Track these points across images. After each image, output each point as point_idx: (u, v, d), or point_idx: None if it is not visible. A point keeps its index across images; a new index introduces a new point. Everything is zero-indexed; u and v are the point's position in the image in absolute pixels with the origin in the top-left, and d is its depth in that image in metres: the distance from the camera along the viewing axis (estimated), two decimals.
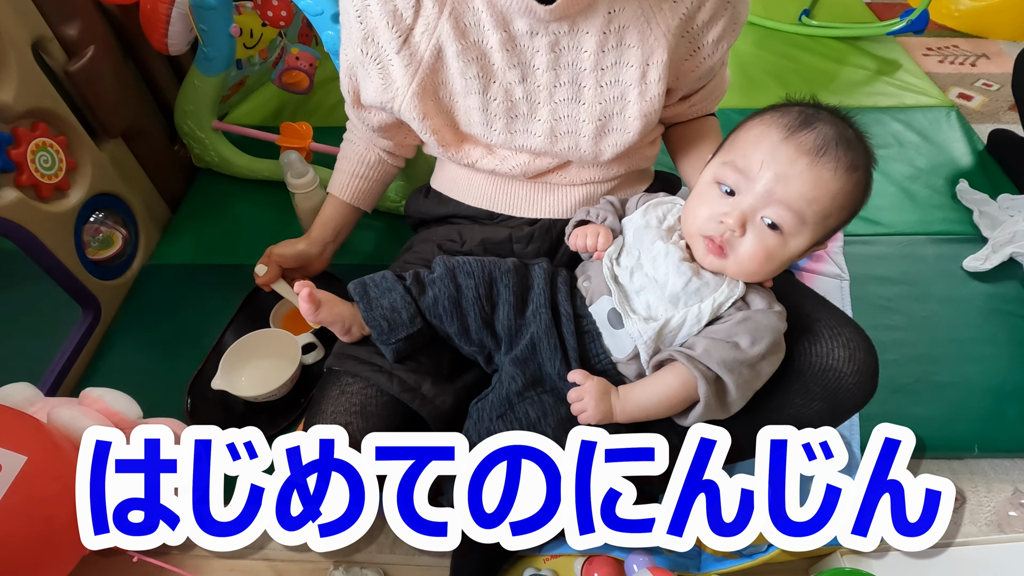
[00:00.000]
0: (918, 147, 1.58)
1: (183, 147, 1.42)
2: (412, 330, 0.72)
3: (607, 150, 0.79)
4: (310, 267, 0.98)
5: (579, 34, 0.72)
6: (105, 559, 0.83)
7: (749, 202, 0.65)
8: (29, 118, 1.00)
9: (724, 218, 0.65)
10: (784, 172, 0.63)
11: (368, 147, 0.94)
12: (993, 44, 2.08)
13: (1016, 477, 1.04)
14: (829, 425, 0.64)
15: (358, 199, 0.97)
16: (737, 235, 0.65)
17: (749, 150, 0.66)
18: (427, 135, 0.79)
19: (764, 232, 0.65)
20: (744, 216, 0.65)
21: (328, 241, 0.98)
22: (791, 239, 0.66)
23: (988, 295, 1.24)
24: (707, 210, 0.68)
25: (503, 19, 0.71)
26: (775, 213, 0.64)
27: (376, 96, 0.78)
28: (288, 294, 0.96)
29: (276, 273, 0.93)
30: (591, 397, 0.68)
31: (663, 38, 0.72)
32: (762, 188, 0.64)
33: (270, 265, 0.93)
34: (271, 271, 0.93)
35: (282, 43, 1.51)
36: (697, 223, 0.68)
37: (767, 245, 0.66)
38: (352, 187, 0.96)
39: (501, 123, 0.77)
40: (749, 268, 0.67)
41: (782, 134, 0.64)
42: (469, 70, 0.74)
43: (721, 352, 0.65)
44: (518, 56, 0.74)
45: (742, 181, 0.66)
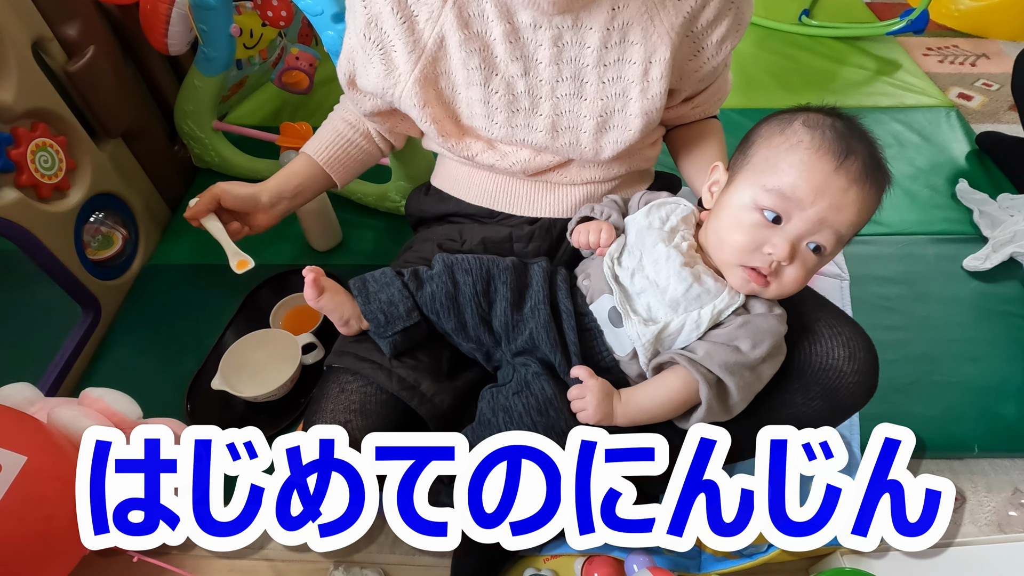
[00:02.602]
0: (918, 147, 1.58)
1: (183, 147, 1.42)
2: (409, 323, 0.72)
3: (607, 147, 0.78)
4: (253, 219, 0.88)
5: (583, 29, 0.72)
6: (105, 559, 0.83)
7: (800, 230, 0.63)
8: (29, 118, 1.00)
9: (773, 249, 0.64)
10: (838, 201, 0.62)
11: (359, 119, 0.91)
12: (993, 44, 2.08)
13: (1016, 477, 1.04)
14: (829, 425, 0.64)
15: (332, 165, 0.91)
16: (785, 265, 0.65)
17: (798, 178, 0.63)
18: (427, 124, 0.79)
19: (808, 256, 0.65)
20: (794, 246, 0.64)
21: (285, 196, 0.89)
22: (828, 257, 0.66)
23: (988, 295, 1.24)
24: (748, 239, 0.65)
25: (507, 10, 0.71)
26: (823, 238, 0.64)
27: (377, 83, 0.77)
28: (219, 235, 0.84)
29: (207, 206, 0.83)
30: (593, 396, 0.67)
31: (666, 36, 0.72)
32: (815, 216, 0.63)
33: (204, 198, 0.83)
34: (202, 202, 0.83)
35: (282, 43, 1.51)
36: (737, 254, 0.66)
37: (808, 268, 0.65)
38: (330, 151, 0.90)
39: (502, 116, 0.77)
40: (789, 291, 0.67)
41: (833, 163, 0.62)
42: (471, 61, 0.74)
43: (722, 355, 0.65)
44: (521, 49, 0.74)
45: (792, 208, 0.63)
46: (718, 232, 0.68)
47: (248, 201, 0.86)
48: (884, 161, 0.65)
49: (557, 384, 0.71)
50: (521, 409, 0.69)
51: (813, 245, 0.64)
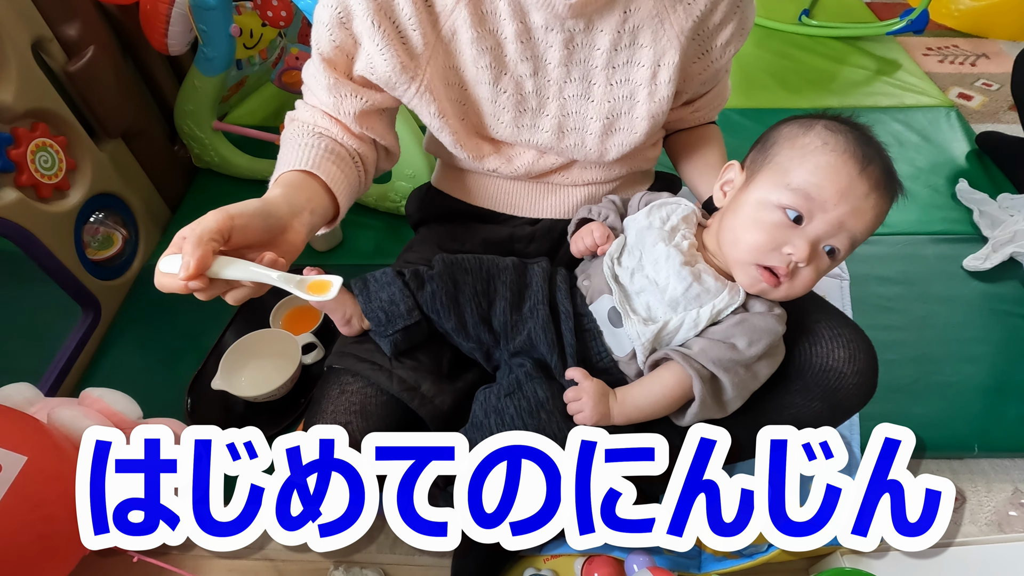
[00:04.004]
0: (918, 147, 1.58)
1: (183, 147, 1.42)
2: (410, 322, 0.72)
3: (612, 149, 0.78)
4: (282, 242, 0.61)
5: (594, 32, 0.71)
6: (105, 559, 0.83)
7: (821, 231, 0.63)
8: (29, 118, 1.00)
9: (793, 249, 0.64)
10: (859, 206, 0.63)
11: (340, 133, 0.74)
12: (993, 44, 2.08)
13: (1016, 477, 1.04)
14: (829, 425, 0.64)
15: (334, 182, 0.69)
16: (802, 266, 0.65)
17: (824, 179, 0.63)
18: (437, 120, 0.75)
19: (822, 259, 0.65)
20: (814, 247, 0.64)
21: (303, 208, 0.64)
22: (837, 261, 0.67)
23: (988, 295, 1.24)
24: (767, 237, 0.64)
25: (520, 9, 0.70)
26: (839, 241, 0.64)
27: (388, 74, 0.71)
28: (255, 274, 0.54)
29: (209, 249, 0.52)
30: (589, 398, 0.68)
31: (675, 40, 0.72)
32: (836, 219, 0.63)
33: (196, 244, 0.51)
34: (198, 249, 0.51)
35: (282, 43, 1.51)
36: (755, 252, 0.65)
37: (820, 271, 0.66)
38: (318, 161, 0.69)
39: (509, 116, 0.76)
40: (798, 293, 0.67)
41: (857, 167, 0.63)
42: (482, 59, 0.72)
43: (717, 352, 0.65)
44: (532, 49, 0.73)
45: (815, 209, 0.63)
46: (734, 230, 0.68)
47: (267, 217, 0.58)
48: (895, 173, 0.66)
49: (550, 386, 0.71)
50: (512, 412, 0.69)
51: (829, 248, 0.65)
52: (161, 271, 0.53)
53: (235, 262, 0.54)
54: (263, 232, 0.58)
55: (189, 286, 0.52)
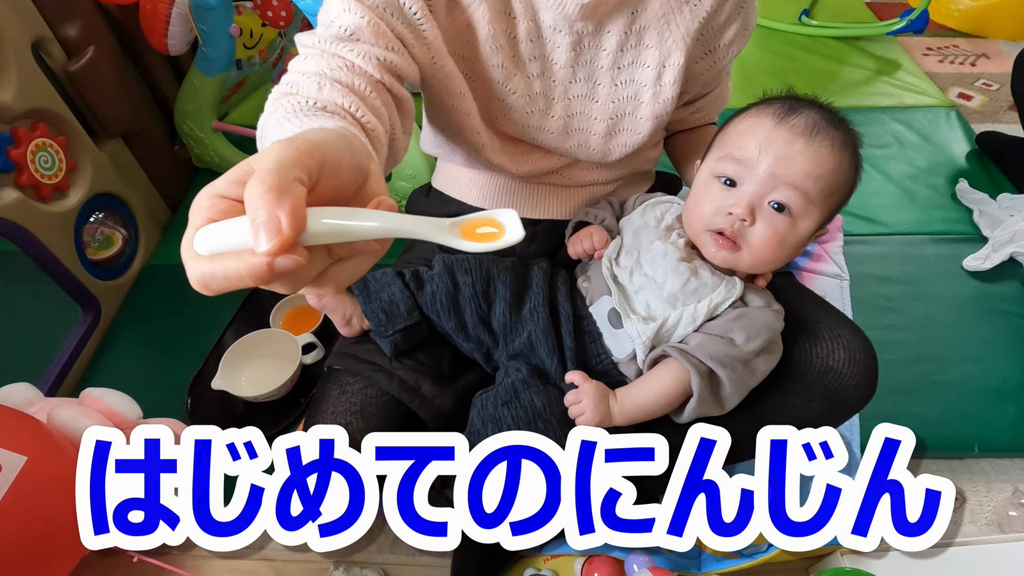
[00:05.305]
0: (918, 147, 1.58)
1: (183, 147, 1.42)
2: (410, 322, 0.72)
3: (615, 150, 0.78)
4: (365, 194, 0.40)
5: (602, 34, 0.71)
6: (105, 559, 0.83)
7: (754, 188, 0.65)
8: (29, 118, 1.00)
9: (732, 208, 0.65)
10: (784, 153, 0.64)
11: None
12: (993, 44, 2.08)
13: (1016, 477, 1.04)
14: (829, 426, 0.64)
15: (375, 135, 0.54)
16: (747, 224, 0.66)
17: (743, 140, 0.67)
18: (458, 100, 0.72)
19: (773, 216, 0.66)
20: (752, 203, 0.65)
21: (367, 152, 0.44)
22: (800, 220, 0.66)
23: (988, 295, 1.24)
24: (711, 205, 0.67)
25: (531, 8, 0.70)
26: (781, 195, 0.65)
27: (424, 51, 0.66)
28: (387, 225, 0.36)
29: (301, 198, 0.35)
30: (589, 399, 0.68)
31: (681, 41, 0.72)
32: (765, 172, 0.65)
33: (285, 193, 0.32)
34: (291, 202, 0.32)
35: (282, 43, 1.51)
36: (703, 220, 0.68)
37: (778, 229, 0.66)
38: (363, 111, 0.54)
39: (516, 115, 0.76)
40: (763, 256, 0.67)
41: (773, 121, 0.66)
42: (495, 58, 0.71)
43: (715, 346, 0.65)
44: (540, 48, 0.72)
45: (743, 170, 0.66)
46: (688, 209, 0.71)
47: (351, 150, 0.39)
48: (844, 120, 0.67)
49: (548, 393, 0.71)
50: (510, 422, 0.69)
51: (775, 204, 0.65)
52: (200, 253, 0.34)
53: (351, 211, 0.34)
54: (353, 173, 0.38)
55: (277, 266, 0.32)
